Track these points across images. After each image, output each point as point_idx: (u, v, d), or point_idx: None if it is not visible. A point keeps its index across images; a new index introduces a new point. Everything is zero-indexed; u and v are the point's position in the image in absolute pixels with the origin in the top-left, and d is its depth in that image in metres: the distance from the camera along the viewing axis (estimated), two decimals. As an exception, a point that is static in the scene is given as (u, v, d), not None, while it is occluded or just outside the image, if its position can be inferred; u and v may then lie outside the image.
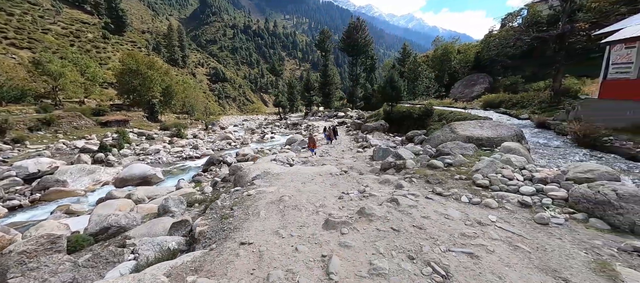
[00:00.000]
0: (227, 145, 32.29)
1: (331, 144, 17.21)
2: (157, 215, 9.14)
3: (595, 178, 4.06)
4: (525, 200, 3.71)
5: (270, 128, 48.63)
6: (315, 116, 55.91)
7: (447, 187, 4.63)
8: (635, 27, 9.38)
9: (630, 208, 3.06)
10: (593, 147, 8.38)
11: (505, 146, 5.71)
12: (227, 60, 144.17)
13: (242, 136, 40.28)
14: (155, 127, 40.49)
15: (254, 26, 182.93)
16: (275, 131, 44.89)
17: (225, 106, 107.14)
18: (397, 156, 6.59)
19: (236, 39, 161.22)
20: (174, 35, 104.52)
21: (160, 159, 23.60)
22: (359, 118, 40.70)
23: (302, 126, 44.45)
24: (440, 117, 21.00)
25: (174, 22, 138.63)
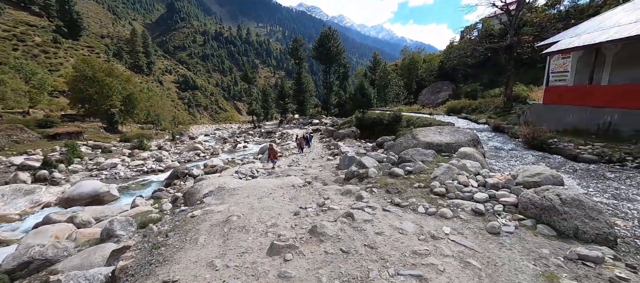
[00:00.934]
0: (195, 156, 30.40)
1: (302, 152, 16.85)
2: (100, 241, 8.04)
3: (541, 182, 4.17)
4: (478, 207, 3.67)
5: (244, 137, 47.16)
6: (290, 124, 55.44)
7: (406, 197, 4.50)
8: (569, 40, 10.43)
9: (573, 212, 3.11)
10: (541, 149, 8.99)
11: (462, 152, 5.82)
12: (198, 67, 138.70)
13: (212, 146, 38.46)
14: (114, 139, 37.07)
15: (226, 33, 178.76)
16: (248, 140, 43.51)
17: (196, 115, 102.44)
18: (360, 165, 6.43)
19: (207, 46, 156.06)
20: (137, 40, 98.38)
21: (117, 175, 21.44)
22: (333, 124, 40.99)
23: (277, 134, 43.71)
24: (408, 123, 21.74)
25: (138, 27, 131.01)
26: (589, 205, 3.13)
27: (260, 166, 10.93)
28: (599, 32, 9.45)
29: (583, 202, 3.15)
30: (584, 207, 3.12)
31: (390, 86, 48.23)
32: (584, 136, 9.15)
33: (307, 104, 62.30)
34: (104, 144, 32.76)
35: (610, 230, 2.97)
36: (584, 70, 10.40)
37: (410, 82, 50.25)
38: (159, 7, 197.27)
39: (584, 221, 3.04)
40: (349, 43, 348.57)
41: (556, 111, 10.90)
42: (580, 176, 6.16)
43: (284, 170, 9.60)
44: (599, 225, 3.00)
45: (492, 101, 19.02)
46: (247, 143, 40.14)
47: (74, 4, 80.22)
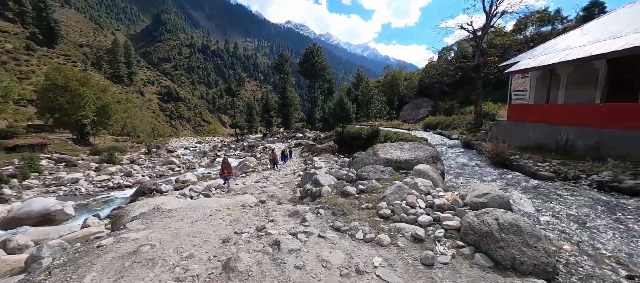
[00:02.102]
0: (169, 171, 28.89)
1: (276, 168, 16.25)
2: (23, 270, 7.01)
3: (488, 203, 3.94)
4: (418, 233, 3.35)
5: (225, 151, 45.90)
6: (273, 138, 54.84)
7: (349, 220, 4.13)
8: (527, 61, 10.90)
9: (510, 240, 2.84)
10: (504, 165, 9.04)
11: (416, 169, 5.59)
12: (182, 79, 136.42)
13: (190, 160, 36.96)
14: (83, 151, 34.74)
15: (212, 46, 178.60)
16: (229, 154, 42.24)
17: (178, 128, 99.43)
18: (315, 183, 6.04)
19: (193, 58, 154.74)
20: (119, 50, 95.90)
21: (78, 191, 19.80)
22: (316, 139, 40.86)
23: (258, 148, 42.90)
24: (385, 138, 21.88)
25: (121, 37, 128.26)
26: (527, 231, 2.88)
27: (219, 182, 10.27)
28: (553, 54, 9.92)
29: (522, 228, 2.90)
30: (522, 234, 2.86)
31: (372, 102, 49.24)
32: (545, 152, 9.32)
33: (291, 118, 62.21)
34: (71, 157, 30.53)
35: (548, 260, 2.71)
36: (541, 89, 10.83)
37: (392, 98, 51.54)
38: (145, 19, 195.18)
39: (521, 250, 2.77)
40: (335, 60, 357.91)
41: (519, 128, 11.17)
42: (536, 195, 6.08)
43: (245, 187, 9.03)
44: (537, 253, 2.74)
45: (464, 117, 19.55)
46: (227, 156, 38.87)
47: (52, 11, 77.69)
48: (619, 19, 9.62)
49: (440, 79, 38.30)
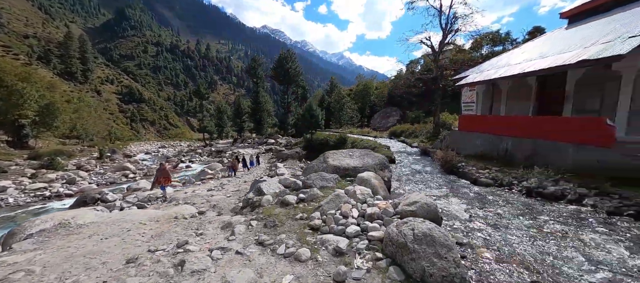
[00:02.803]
0: (122, 178, 26.28)
1: (235, 175, 15.49)
2: None
3: (416, 211, 3.95)
4: (340, 246, 3.20)
5: (190, 156, 43.27)
6: (244, 143, 53.16)
7: (279, 232, 3.87)
8: (474, 75, 11.77)
9: (422, 251, 2.79)
10: (452, 172, 9.49)
11: (360, 177, 5.55)
12: (147, 79, 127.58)
13: (149, 166, 34.13)
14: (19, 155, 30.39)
15: (182, 46, 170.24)
16: (194, 160, 39.95)
17: (140, 131, 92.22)
18: (258, 192, 5.71)
19: (160, 57, 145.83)
20: (73, 44, 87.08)
21: (4, 202, 17.09)
22: (287, 144, 40.32)
23: (227, 154, 41.16)
24: (353, 144, 22.18)
25: (76, 30, 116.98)
26: (440, 241, 2.86)
27: (156, 192, 9.42)
28: (495, 70, 10.79)
29: (435, 238, 2.88)
30: (435, 244, 2.84)
31: (344, 110, 50.09)
32: (489, 160, 9.97)
33: (264, 123, 60.93)
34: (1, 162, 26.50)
35: (456, 270, 2.70)
36: (487, 101, 11.71)
37: (363, 106, 52.87)
38: (106, 13, 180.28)
39: (432, 261, 2.73)
40: (312, 67, 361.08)
41: (468, 137, 11.91)
42: (473, 201, 6.36)
43: (191, 196, 8.37)
44: (446, 264, 2.71)
45: (424, 126, 20.53)
46: (192, 162, 36.81)
47: (-11, -3, 68.67)
48: (549, 40, 10.78)
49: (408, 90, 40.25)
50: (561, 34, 10.68)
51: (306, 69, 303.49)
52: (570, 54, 7.92)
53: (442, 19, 17.60)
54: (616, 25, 7.99)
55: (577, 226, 4.75)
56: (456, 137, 12.65)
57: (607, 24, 8.61)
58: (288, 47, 77.51)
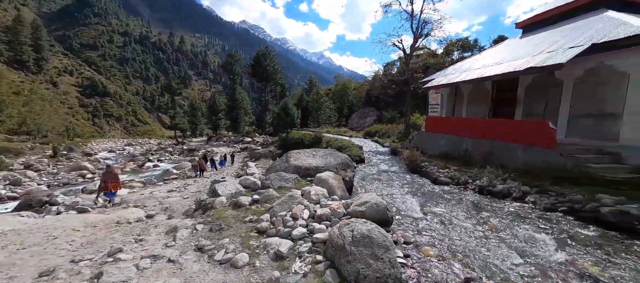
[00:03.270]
0: (78, 178, 24.14)
1: (202, 175, 14.79)
2: None
3: (366, 211, 3.95)
4: (280, 250, 3.09)
5: (159, 155, 40.87)
6: (220, 141, 51.36)
7: (222, 236, 3.67)
8: (439, 78, 12.29)
9: (358, 253, 2.77)
10: (416, 172, 9.81)
11: (318, 177, 5.49)
12: (113, 71, 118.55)
13: (112, 165, 31.60)
14: (-51, 154, 26.80)
15: (153, 38, 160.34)
16: (164, 158, 37.83)
17: (104, 127, 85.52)
18: (213, 193, 5.43)
19: (128, 48, 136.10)
20: (24, 30, 78.36)
21: None
22: (264, 143, 39.61)
23: (200, 152, 39.47)
24: (327, 144, 22.25)
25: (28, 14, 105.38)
26: (378, 242, 2.86)
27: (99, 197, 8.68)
28: (457, 74, 11.34)
29: (373, 239, 2.87)
30: (372, 245, 2.82)
31: (322, 109, 50.24)
32: (451, 160, 10.45)
33: (240, 121, 59.23)
34: None
35: (391, 271, 2.70)
36: (450, 104, 12.29)
37: (342, 106, 53.35)
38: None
39: (368, 262, 2.71)
40: (292, 65, 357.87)
41: (434, 137, 12.41)
42: (429, 199, 6.58)
43: (144, 198, 7.80)
44: (382, 265, 2.71)
45: (396, 127, 21.12)
46: (161, 161, 34.80)
47: None
48: (506, 48, 11.53)
49: (384, 91, 41.20)
50: (516, 43, 11.47)
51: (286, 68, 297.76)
52: (521, 62, 8.50)
53: (413, 23, 18.20)
54: (560, 37, 8.71)
55: (516, 222, 5.07)
56: (423, 137, 13.13)
57: (553, 35, 9.38)
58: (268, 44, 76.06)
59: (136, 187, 11.86)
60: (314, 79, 65.82)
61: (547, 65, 7.20)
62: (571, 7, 10.02)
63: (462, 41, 38.68)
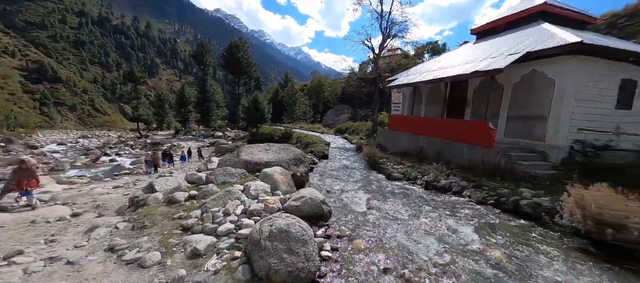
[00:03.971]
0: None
1: (156, 171, 13.88)
2: None
3: (300, 206, 3.96)
4: (197, 247, 2.98)
5: (118, 149, 37.86)
6: (188, 135, 48.83)
7: (143, 234, 3.45)
8: (402, 78, 12.75)
9: (272, 248, 2.75)
10: (374, 168, 10.12)
11: (263, 173, 5.41)
12: (66, 55, 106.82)
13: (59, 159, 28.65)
14: None
15: (115, 21, 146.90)
16: (123, 153, 35.08)
17: (55, 117, 77.11)
18: (149, 189, 5.09)
19: (84, 30, 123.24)
20: (-51, 2, 67.38)
21: None
22: (236, 138, 38.47)
23: (165, 146, 37.18)
24: (297, 139, 22.19)
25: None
26: (295, 237, 2.86)
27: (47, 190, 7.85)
28: (417, 75, 11.84)
29: (290, 234, 2.86)
30: (289, 240, 2.82)
31: (297, 104, 49.82)
32: (409, 157, 10.93)
33: (212, 114, 56.72)
34: None
35: (306, 264, 2.72)
36: (411, 103, 12.83)
37: (317, 102, 53.36)
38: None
39: (281, 257, 2.70)
40: (268, 59, 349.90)
41: (395, 135, 12.89)
42: (377, 194, 6.81)
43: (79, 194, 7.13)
44: (296, 259, 2.72)
45: (365, 124, 21.63)
46: (119, 155, 32.28)
47: None
48: (461, 53, 12.25)
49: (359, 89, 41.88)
50: (470, 48, 12.23)
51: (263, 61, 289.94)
52: (469, 65, 9.08)
53: (383, 23, 18.65)
54: (503, 44, 9.44)
55: (449, 215, 5.42)
56: (386, 135, 13.57)
57: (499, 42, 10.13)
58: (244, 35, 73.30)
59: (78, 183, 10.81)
60: (290, 74, 65.03)
61: (489, 69, 7.76)
62: (516, 17, 10.90)
63: (432, 44, 40.83)
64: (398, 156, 11.16)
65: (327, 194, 6.68)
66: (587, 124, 7.50)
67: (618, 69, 7.69)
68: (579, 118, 7.46)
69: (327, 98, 53.60)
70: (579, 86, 7.28)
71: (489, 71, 7.77)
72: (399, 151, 12.08)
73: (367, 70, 50.74)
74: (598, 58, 7.30)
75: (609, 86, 7.69)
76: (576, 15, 10.41)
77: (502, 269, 3.48)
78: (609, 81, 7.66)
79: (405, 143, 12.15)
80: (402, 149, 12.09)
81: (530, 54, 7.66)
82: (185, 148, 27.26)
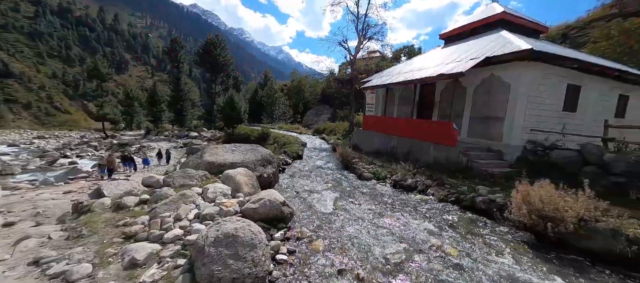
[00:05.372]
0: (-49, 179, 18.98)
1: (110, 177, 12.51)
2: None
3: (258, 208, 3.85)
4: (136, 257, 2.76)
5: (80, 150, 35.01)
6: (160, 136, 46.31)
7: (78, 244, 3.15)
8: (375, 80, 13.02)
9: (217, 254, 2.62)
10: (347, 168, 10.21)
11: (225, 174, 5.22)
12: (19, 47, 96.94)
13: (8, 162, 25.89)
14: None
15: (78, 11, 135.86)
16: (86, 154, 32.46)
17: (6, 115, 69.81)
18: (96, 194, 4.68)
19: (41, 20, 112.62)
20: None
21: None
22: (212, 138, 37.20)
23: (133, 147, 34.96)
24: (275, 140, 21.90)
25: None
26: (243, 241, 2.75)
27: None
28: (390, 77, 12.15)
29: (238, 238, 2.75)
30: (236, 245, 2.70)
31: (277, 104, 49.22)
32: (381, 156, 11.15)
33: (186, 114, 54.25)
34: None
35: (252, 270, 2.63)
36: (384, 104, 13.13)
37: (297, 103, 53.05)
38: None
39: (226, 263, 2.57)
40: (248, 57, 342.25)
41: (369, 135, 13.10)
42: (346, 194, 6.85)
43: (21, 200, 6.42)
44: (242, 265, 2.61)
45: (342, 125, 21.83)
46: (80, 157, 29.82)
47: None
48: (430, 56, 12.75)
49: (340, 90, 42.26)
50: (438, 52, 12.77)
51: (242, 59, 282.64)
52: (437, 68, 9.46)
53: (359, 25, 18.93)
54: (467, 49, 9.95)
55: (412, 213, 5.58)
56: (361, 135, 13.77)
57: (463, 47, 10.66)
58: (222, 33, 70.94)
59: (23, 188, 9.73)
60: (270, 73, 64.11)
61: (453, 73, 8.12)
62: (478, 24, 11.56)
63: (408, 47, 42.53)
64: (371, 156, 11.35)
65: (295, 195, 6.60)
66: (538, 125, 8.10)
67: (565, 75, 8.40)
68: (531, 120, 8.04)
69: (307, 99, 53.49)
70: (530, 89, 7.84)
71: (453, 74, 8.14)
72: (372, 151, 12.29)
73: (347, 71, 51.39)
74: (547, 65, 7.91)
75: (557, 90, 8.38)
76: (531, 25, 11.25)
77: (453, 265, 3.61)
78: (557, 86, 8.34)
79: (378, 143, 12.40)
80: (375, 149, 12.31)
81: (489, 59, 8.13)
82: (155, 150, 25.73)
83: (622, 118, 9.94)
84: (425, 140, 9.37)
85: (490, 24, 11.04)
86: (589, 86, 8.88)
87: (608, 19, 22.08)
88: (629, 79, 9.55)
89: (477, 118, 9.11)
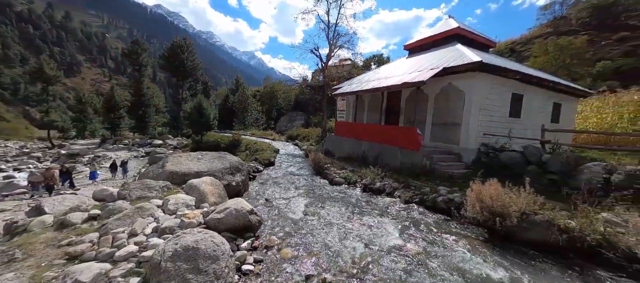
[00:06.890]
0: None
1: (38, 192, 11.00)
2: None
3: (223, 218, 3.73)
4: (79, 279, 2.50)
5: (20, 162, 30.90)
6: (119, 144, 42.43)
7: (6, 270, 2.75)
8: (345, 87, 13.43)
9: (175, 269, 2.49)
10: (319, 173, 10.29)
11: (189, 184, 4.99)
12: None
13: None
14: None
15: (20, 6, 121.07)
16: (24, 166, 28.61)
17: None
18: (35, 211, 4.15)
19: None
20: None
21: None
22: (178, 146, 35.09)
23: (85, 158, 31.60)
24: (246, 147, 21.34)
25: None
26: (205, 254, 2.65)
27: None
28: (359, 84, 12.61)
29: (199, 251, 2.64)
30: (197, 258, 2.59)
31: (249, 110, 48.11)
32: (353, 161, 11.41)
33: (150, 120, 50.46)
34: None
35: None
36: (354, 110, 13.56)
37: (271, 109, 52.34)
38: None
39: (185, 278, 2.46)
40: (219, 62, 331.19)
41: (341, 141, 13.38)
42: (316, 200, 6.90)
43: None
44: (204, 279, 2.51)
45: (315, 131, 22.02)
46: (19, 170, 26.19)
47: None
48: (396, 65, 13.50)
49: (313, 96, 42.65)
50: (404, 62, 13.58)
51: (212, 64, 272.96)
52: (402, 77, 10.04)
53: (329, 34, 19.44)
54: (428, 60, 10.73)
55: (379, 215, 5.79)
56: (333, 141, 13.99)
57: (425, 58, 11.49)
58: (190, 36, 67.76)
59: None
60: (241, 79, 62.62)
61: (415, 81, 8.69)
62: (437, 38, 12.58)
63: (378, 56, 44.81)
64: (343, 161, 11.57)
65: (265, 202, 6.48)
66: (489, 130, 8.96)
67: (511, 85, 9.44)
68: (484, 125, 8.88)
69: (280, 105, 53.12)
70: (481, 97, 8.68)
71: (415, 83, 8.70)
72: (344, 156, 12.54)
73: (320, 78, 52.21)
74: (495, 75, 8.84)
75: (504, 98, 9.38)
76: (482, 39, 12.51)
77: (415, 261, 3.81)
78: (503, 95, 9.33)
79: (349, 148, 12.70)
80: (347, 154, 12.59)
81: (447, 70, 8.86)
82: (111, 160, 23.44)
83: (557, 123, 11.40)
84: (393, 145, 9.83)
85: (447, 37, 12.06)
86: (530, 95, 10.07)
87: (545, 36, 25.36)
88: (561, 90, 11.03)
89: (438, 123, 9.81)
